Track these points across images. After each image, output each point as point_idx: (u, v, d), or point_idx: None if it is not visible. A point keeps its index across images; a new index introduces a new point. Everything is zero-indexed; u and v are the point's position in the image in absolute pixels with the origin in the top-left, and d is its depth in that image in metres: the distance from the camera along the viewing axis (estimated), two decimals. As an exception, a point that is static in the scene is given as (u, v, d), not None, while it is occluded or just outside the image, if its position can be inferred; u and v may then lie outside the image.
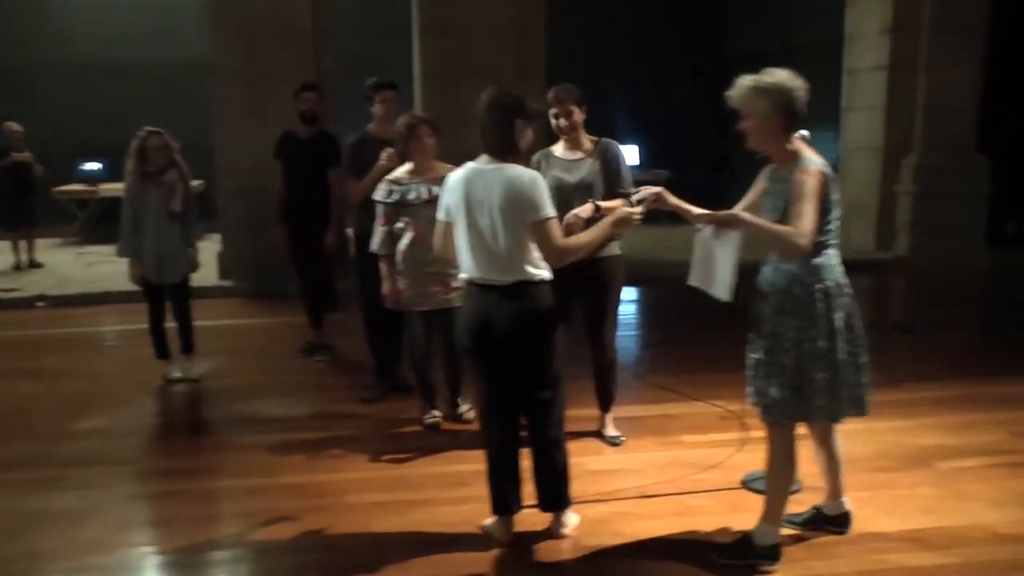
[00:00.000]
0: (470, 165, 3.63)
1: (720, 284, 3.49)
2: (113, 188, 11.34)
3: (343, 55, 9.84)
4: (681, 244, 10.24)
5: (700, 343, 6.74)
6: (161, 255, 5.90)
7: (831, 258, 3.39)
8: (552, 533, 3.81)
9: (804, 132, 3.81)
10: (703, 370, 5.93)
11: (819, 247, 3.32)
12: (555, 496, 3.81)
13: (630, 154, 13.18)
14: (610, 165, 4.55)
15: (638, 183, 4.30)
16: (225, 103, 9.33)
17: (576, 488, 4.14)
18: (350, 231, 5.97)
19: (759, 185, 3.53)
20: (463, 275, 3.73)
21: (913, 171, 10.39)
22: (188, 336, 6.20)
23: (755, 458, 4.36)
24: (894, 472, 4.41)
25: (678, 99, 13.73)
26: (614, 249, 4.61)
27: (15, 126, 10.67)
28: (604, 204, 4.31)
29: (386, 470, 4.57)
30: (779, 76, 3.29)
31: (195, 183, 6.13)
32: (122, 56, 13.13)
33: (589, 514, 3.97)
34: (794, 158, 3.32)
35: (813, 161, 3.30)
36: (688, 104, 13.47)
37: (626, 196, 4.29)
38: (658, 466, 4.48)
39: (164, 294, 6.07)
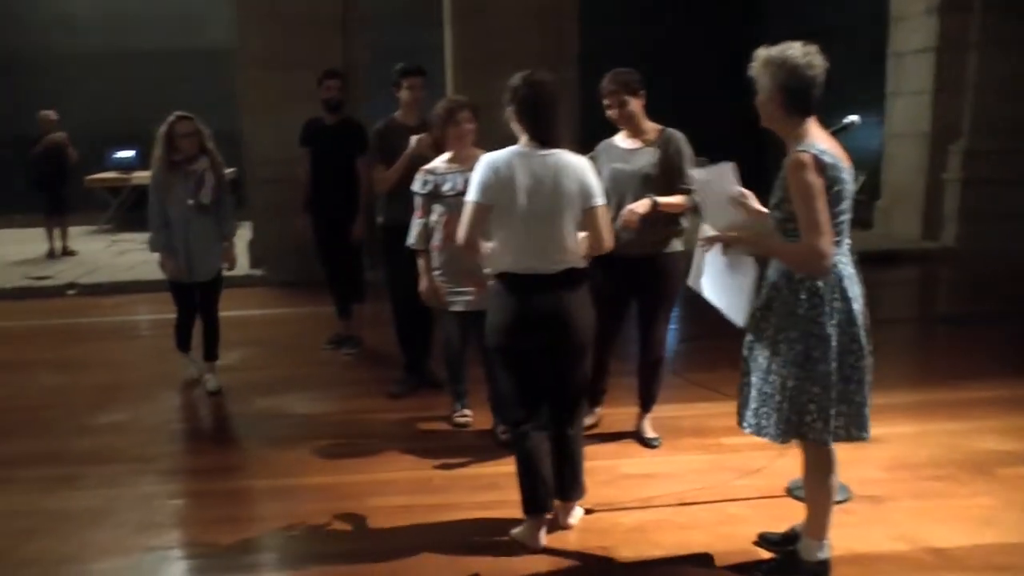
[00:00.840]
0: (513, 149, 3.46)
1: (735, 307, 3.32)
2: (145, 176, 11.26)
3: (374, 42, 9.68)
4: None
5: (741, 337, 6.48)
6: (191, 251, 5.39)
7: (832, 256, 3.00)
8: (561, 524, 3.68)
9: (854, 117, 3.58)
10: (743, 366, 5.68)
11: None
12: (579, 484, 3.72)
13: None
14: (673, 159, 4.22)
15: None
16: (251, 91, 9.21)
17: (612, 494, 3.99)
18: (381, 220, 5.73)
19: None
20: (498, 269, 3.54)
21: (961, 157, 9.98)
22: (214, 342, 5.69)
23: (798, 463, 4.11)
24: (950, 480, 4.13)
25: (717, 84, 13.38)
26: (676, 246, 4.36)
27: (52, 115, 10.68)
28: (663, 200, 4.12)
29: (412, 471, 4.38)
30: (790, 50, 2.94)
31: (228, 171, 5.78)
32: (154, 44, 13.08)
33: (625, 522, 3.77)
34: (796, 143, 2.95)
35: (810, 147, 2.90)
36: (727, 89, 13.10)
37: (687, 193, 4.11)
38: (697, 471, 4.26)
39: (195, 292, 5.59)
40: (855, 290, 3.05)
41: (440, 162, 4.62)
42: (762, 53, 2.98)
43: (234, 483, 4.37)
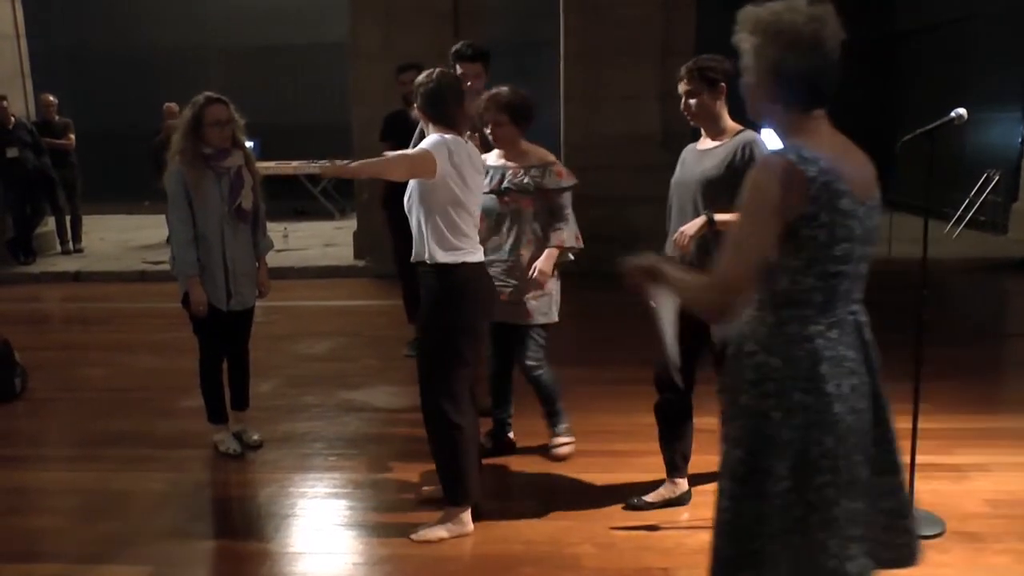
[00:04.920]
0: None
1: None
2: (263, 165, 11.60)
3: (489, 37, 9.62)
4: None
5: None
6: (231, 270, 4.32)
7: (805, 326, 1.99)
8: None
9: (960, 111, 3.21)
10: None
11: (779, 302, 2.01)
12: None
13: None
14: (738, 168, 3.33)
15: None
16: (362, 84, 9.30)
17: (679, 512, 3.74)
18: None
19: None
20: (479, 256, 3.60)
21: (1116, 161, 9.13)
22: (247, 385, 4.72)
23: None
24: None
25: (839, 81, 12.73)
26: None
27: (175, 107, 11.07)
28: (720, 217, 3.35)
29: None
30: (789, 13, 1.97)
31: (342, 163, 5.01)
32: (272, 39, 13.48)
33: (690, 543, 3.51)
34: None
35: (793, 151, 1.95)
36: (847, 84, 12.46)
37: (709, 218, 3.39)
38: (777, 491, 3.95)
39: (224, 327, 4.47)
40: (842, 383, 1.99)
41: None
42: (750, 14, 2.04)
43: (297, 477, 4.32)
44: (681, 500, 3.79)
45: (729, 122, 3.61)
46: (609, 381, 4.50)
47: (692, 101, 3.54)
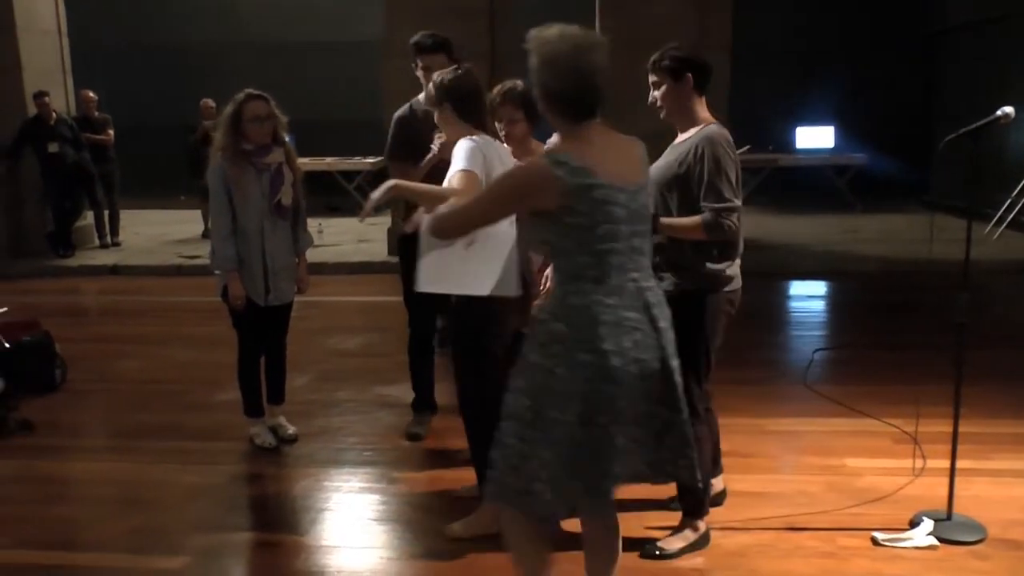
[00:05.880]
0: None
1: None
2: (305, 162, 11.69)
3: (524, 34, 9.61)
4: (873, 235, 9.36)
5: (887, 348, 6.01)
6: (270, 266, 4.39)
7: (584, 296, 2.39)
8: None
9: (1007, 109, 3.16)
10: (883, 381, 5.23)
11: (562, 279, 2.45)
12: None
13: (823, 137, 12.23)
14: (691, 168, 3.19)
15: (835, 169, 3.55)
16: (396, 81, 9.31)
17: (717, 512, 3.70)
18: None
19: None
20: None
21: None
22: (284, 380, 4.77)
23: (929, 493, 3.72)
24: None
25: (876, 78, 12.58)
26: (703, 284, 3.31)
27: (211, 103, 11.19)
28: (666, 221, 3.20)
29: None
30: (555, 43, 2.40)
31: (372, 160, 4.77)
32: (309, 35, 13.55)
33: (725, 544, 3.48)
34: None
35: (557, 157, 2.37)
36: (887, 83, 12.35)
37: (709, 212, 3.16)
38: (812, 493, 3.90)
39: (262, 321, 4.54)
40: (621, 340, 2.39)
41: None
42: (535, 35, 2.45)
43: (331, 471, 4.34)
44: (715, 501, 3.75)
45: (700, 115, 3.31)
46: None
47: (656, 93, 3.30)
